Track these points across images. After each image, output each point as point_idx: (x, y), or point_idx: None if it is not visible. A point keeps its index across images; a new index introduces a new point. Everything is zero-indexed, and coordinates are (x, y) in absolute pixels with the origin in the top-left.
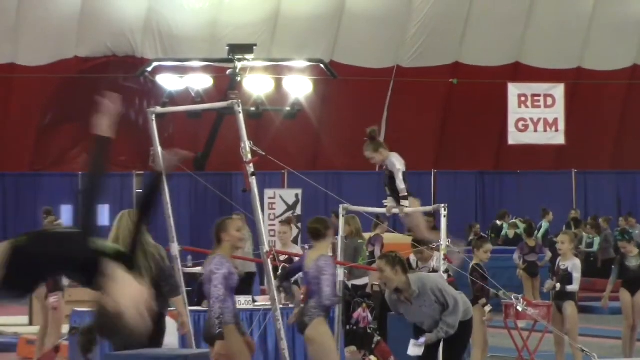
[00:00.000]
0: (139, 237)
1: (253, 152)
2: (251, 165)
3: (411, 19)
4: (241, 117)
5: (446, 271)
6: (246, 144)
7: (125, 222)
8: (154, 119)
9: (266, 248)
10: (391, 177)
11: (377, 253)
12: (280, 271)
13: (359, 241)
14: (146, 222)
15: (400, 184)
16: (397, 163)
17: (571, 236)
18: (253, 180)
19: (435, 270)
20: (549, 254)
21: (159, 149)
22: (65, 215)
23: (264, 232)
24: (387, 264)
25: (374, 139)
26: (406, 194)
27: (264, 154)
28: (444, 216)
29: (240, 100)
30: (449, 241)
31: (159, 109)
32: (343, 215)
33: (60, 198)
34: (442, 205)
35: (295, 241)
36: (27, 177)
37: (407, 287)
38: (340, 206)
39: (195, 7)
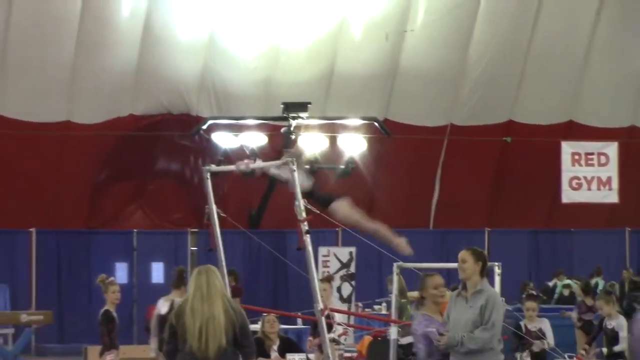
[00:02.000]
0: None
1: (307, 210)
2: (305, 223)
3: (465, 78)
4: (296, 175)
5: None
6: (300, 202)
7: (212, 279)
8: (208, 177)
9: (320, 306)
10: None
11: None
12: None
13: (402, 300)
14: None
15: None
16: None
17: (605, 299)
18: (307, 238)
19: None
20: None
21: (214, 206)
22: (120, 273)
23: (318, 290)
24: (472, 254)
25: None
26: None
27: (317, 212)
28: (498, 274)
29: (294, 159)
30: None
31: (214, 167)
32: (397, 274)
33: (115, 256)
34: (496, 264)
35: (349, 299)
36: (81, 235)
37: (476, 284)
38: (394, 264)
39: (251, 66)
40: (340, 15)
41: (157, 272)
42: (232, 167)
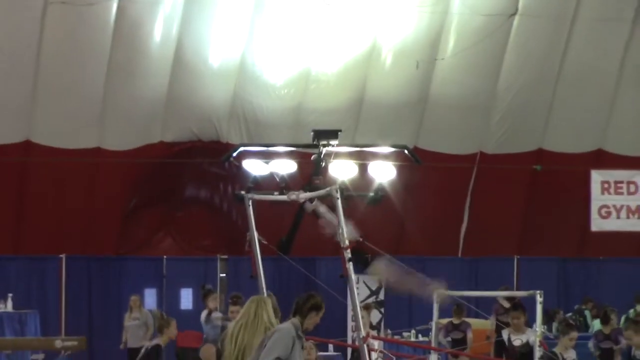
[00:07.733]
0: None
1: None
2: (348, 250)
3: (495, 106)
4: (339, 203)
5: (541, 357)
6: (343, 230)
7: (260, 310)
8: (250, 204)
9: (362, 333)
10: None
11: (470, 337)
12: None
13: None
14: None
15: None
16: None
17: (635, 328)
18: (350, 266)
19: (528, 344)
20: (624, 341)
21: (255, 233)
22: (149, 299)
23: (360, 318)
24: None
25: None
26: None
27: (361, 239)
28: (540, 302)
29: (338, 187)
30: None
31: (256, 196)
32: (437, 302)
33: (145, 282)
34: (538, 291)
35: (379, 326)
36: (111, 261)
37: None
38: (435, 292)
39: (281, 94)
40: (371, 41)
41: (186, 299)
42: (283, 197)
